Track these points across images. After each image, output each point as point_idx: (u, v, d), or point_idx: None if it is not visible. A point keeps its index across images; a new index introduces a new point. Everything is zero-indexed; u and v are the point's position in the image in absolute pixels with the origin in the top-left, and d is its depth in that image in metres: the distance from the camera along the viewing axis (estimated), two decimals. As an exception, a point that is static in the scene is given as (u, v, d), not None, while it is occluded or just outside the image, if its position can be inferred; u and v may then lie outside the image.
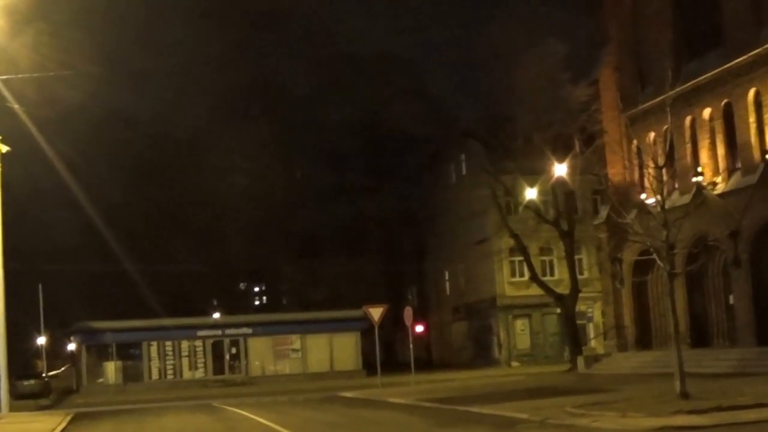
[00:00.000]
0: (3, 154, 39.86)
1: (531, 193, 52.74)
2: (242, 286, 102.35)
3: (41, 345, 77.62)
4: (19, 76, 35.50)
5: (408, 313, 49.51)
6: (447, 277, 74.99)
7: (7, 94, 35.78)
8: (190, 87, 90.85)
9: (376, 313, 50.25)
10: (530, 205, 53.95)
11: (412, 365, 49.18)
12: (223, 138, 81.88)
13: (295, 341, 65.05)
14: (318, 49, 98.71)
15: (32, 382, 59.91)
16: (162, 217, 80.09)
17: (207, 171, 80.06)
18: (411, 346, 49.69)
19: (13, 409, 39.95)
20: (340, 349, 64.63)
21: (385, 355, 55.77)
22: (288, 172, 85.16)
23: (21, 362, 63.31)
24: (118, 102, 69.29)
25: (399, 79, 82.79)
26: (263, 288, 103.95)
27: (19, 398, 50.23)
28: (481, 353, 66.89)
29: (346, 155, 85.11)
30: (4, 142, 39.76)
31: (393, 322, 59.75)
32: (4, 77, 35.24)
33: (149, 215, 78.31)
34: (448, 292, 74.81)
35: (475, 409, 27.51)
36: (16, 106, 37.09)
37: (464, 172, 68.87)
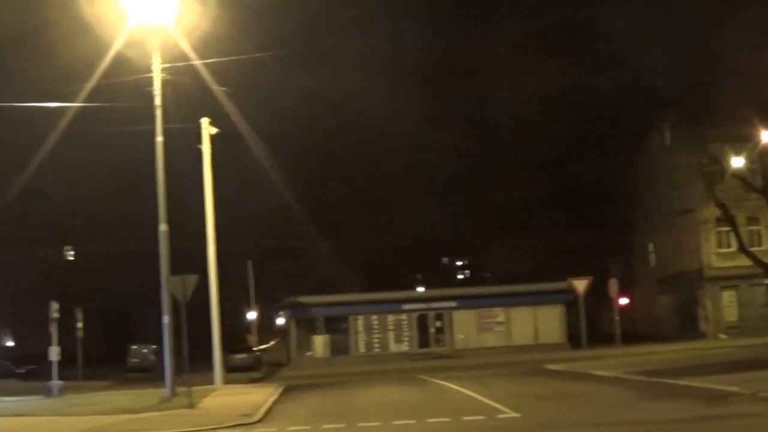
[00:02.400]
0: (212, 136, 41.38)
1: (737, 162, 51.27)
2: (445, 260, 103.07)
3: (252, 320, 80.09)
4: (223, 59, 36.83)
5: (613, 285, 49.12)
6: (651, 249, 73.75)
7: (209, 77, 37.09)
8: (377, 66, 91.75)
9: (580, 285, 50.10)
10: (737, 174, 52.44)
11: (618, 338, 48.76)
12: (418, 115, 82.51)
13: (499, 314, 65.06)
14: (511, 22, 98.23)
15: (244, 355, 61.69)
16: (365, 194, 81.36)
17: (404, 147, 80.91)
18: (616, 318, 49.25)
19: (226, 381, 41.40)
20: (544, 322, 64.33)
21: (590, 327, 55.36)
22: (486, 147, 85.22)
23: (233, 337, 65.26)
24: (311, 82, 70.50)
25: (598, 50, 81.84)
26: (465, 262, 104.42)
27: (232, 371, 51.73)
28: (686, 326, 65.59)
29: (545, 128, 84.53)
30: (212, 124, 41.30)
31: (597, 295, 59.16)
32: (208, 60, 36.55)
33: (354, 192, 79.63)
34: (652, 263, 73.59)
35: (682, 381, 27.21)
36: (222, 89, 38.38)
37: (667, 141, 67.51)
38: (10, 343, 75.47)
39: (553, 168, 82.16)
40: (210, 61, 36.51)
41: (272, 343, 78.36)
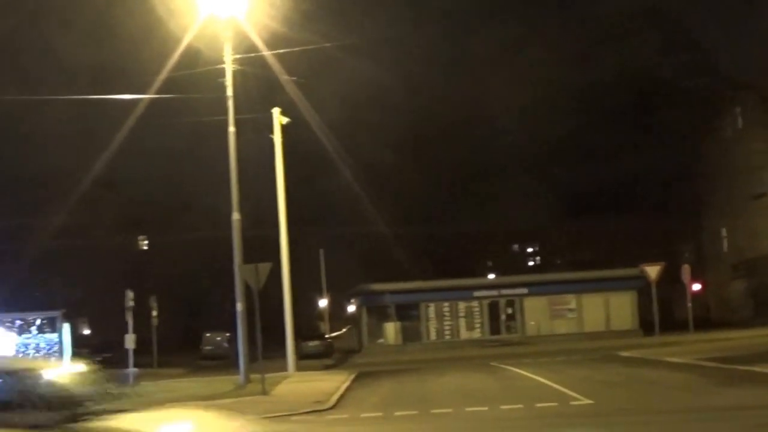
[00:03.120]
0: (284, 125, 41.69)
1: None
2: (515, 247, 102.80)
3: (323, 307, 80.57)
4: (293, 50, 37.12)
5: (685, 270, 48.71)
6: (724, 234, 72.89)
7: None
8: (446, 54, 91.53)
9: (653, 271, 49.71)
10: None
11: (690, 324, 48.38)
12: (487, 103, 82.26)
13: (571, 301, 64.84)
14: (582, 7, 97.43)
15: (316, 343, 62.05)
16: (435, 181, 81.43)
17: (474, 135, 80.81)
18: (689, 304, 48.84)
19: (298, 368, 41.65)
20: (616, 309, 63.96)
21: (662, 314, 54.87)
22: (556, 132, 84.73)
23: (305, 324, 65.75)
24: (381, 71, 70.56)
25: (667, 33, 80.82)
26: (536, 248, 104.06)
27: (304, 358, 52.02)
28: (762, 311, 64.69)
29: (615, 112, 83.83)
30: (283, 113, 41.61)
31: (669, 281, 58.61)
32: (277, 51, 36.87)
33: (422, 180, 79.71)
34: (725, 249, 72.75)
35: (756, 368, 27.00)
36: (292, 78, 38.69)
37: (740, 125, 66.69)
38: (87, 332, 76.42)
39: (623, 153, 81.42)
40: (279, 51, 36.86)
41: (344, 330, 78.79)
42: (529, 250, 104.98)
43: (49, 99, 40.80)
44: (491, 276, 76.97)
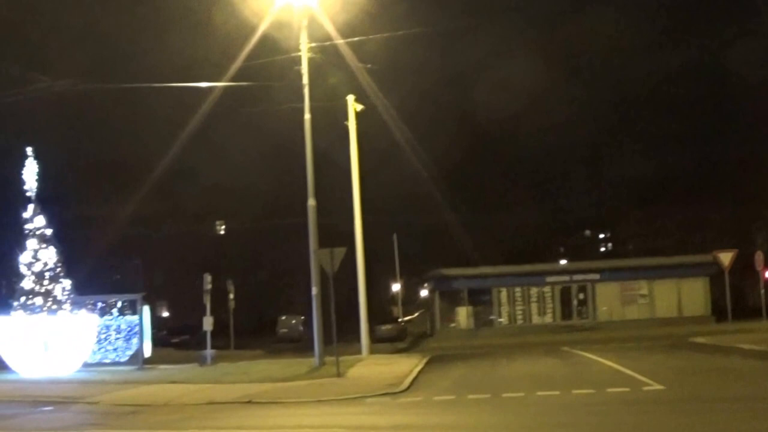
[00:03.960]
0: (357, 113, 42.15)
1: None
2: (587, 233, 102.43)
3: (396, 292, 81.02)
4: (367, 37, 37.51)
5: (758, 258, 48.39)
6: (799, 221, 72.28)
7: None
8: (521, 43, 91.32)
9: (725, 258, 49.42)
10: None
11: (764, 311, 48.06)
12: (560, 91, 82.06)
13: (643, 287, 64.64)
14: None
15: (389, 326, 62.58)
16: (509, 168, 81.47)
17: (547, 122, 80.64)
18: (762, 292, 48.55)
19: (372, 351, 42.01)
20: (688, 295, 63.68)
21: (735, 301, 54.59)
22: (629, 120, 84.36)
23: (379, 308, 66.23)
24: (454, 60, 70.68)
25: (740, 21, 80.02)
26: (608, 235, 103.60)
27: (378, 341, 52.46)
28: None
29: (690, 100, 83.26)
30: (357, 101, 42.05)
31: (742, 268, 58.22)
32: (351, 39, 37.29)
33: (495, 166, 79.76)
34: (800, 236, 72.09)
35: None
36: (366, 65, 39.08)
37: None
38: (166, 314, 77.67)
39: (698, 140, 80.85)
40: (353, 39, 37.26)
41: (416, 314, 79.22)
42: (601, 236, 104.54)
43: (127, 87, 41.46)
44: (563, 262, 76.83)
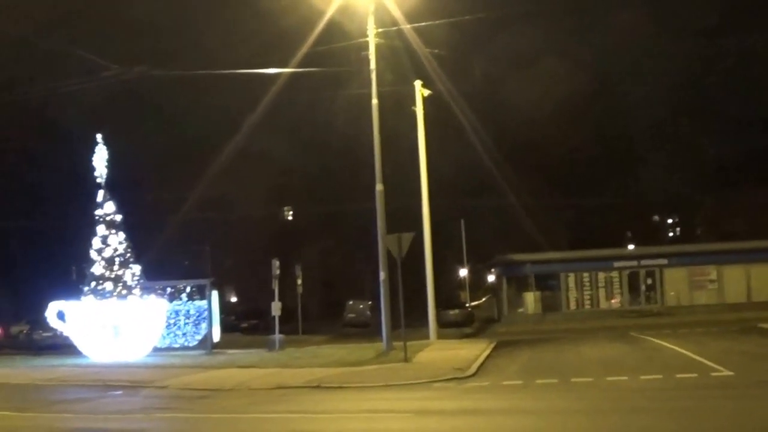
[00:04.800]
0: (425, 98, 42.14)
1: None
2: (656, 218, 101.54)
3: (463, 277, 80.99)
4: (435, 22, 37.46)
5: (831, 242, 47.83)
6: None
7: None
8: (590, 26, 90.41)
9: (796, 242, 48.91)
10: None
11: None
12: (628, 72, 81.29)
13: (712, 272, 63.99)
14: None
15: (456, 311, 62.52)
16: (575, 152, 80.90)
17: (614, 103, 79.90)
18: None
19: (439, 336, 42.01)
20: (758, 280, 62.86)
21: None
22: (699, 102, 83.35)
23: (446, 293, 66.23)
24: (520, 44, 70.14)
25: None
26: (676, 219, 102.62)
27: (445, 326, 52.41)
28: None
29: (759, 82, 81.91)
30: (424, 86, 42.04)
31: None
32: (418, 24, 37.25)
33: (562, 151, 79.27)
34: None
35: None
36: (433, 51, 39.04)
37: None
38: (234, 299, 78.31)
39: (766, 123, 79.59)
40: (420, 24, 37.21)
41: (483, 299, 79.16)
42: (669, 221, 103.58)
43: (197, 74, 41.79)
44: (631, 247, 76.29)
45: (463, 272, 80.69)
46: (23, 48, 55.92)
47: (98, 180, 36.96)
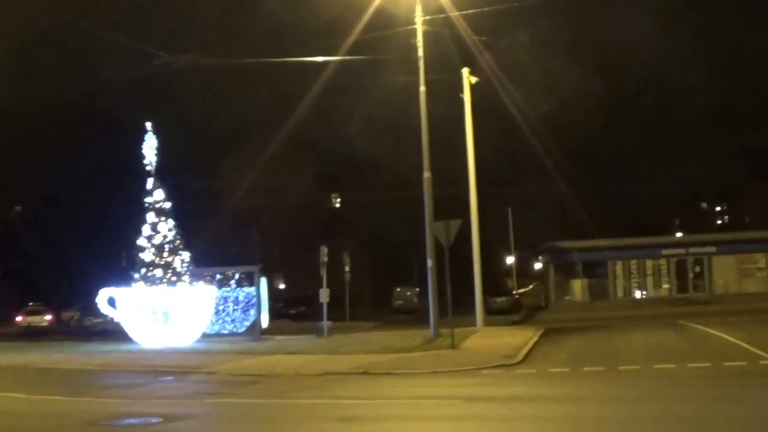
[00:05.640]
0: (472, 85, 42.08)
1: None
2: (704, 205, 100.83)
3: (510, 264, 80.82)
4: (482, 9, 37.42)
5: None
6: None
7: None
8: (639, 9, 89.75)
9: None
10: None
11: None
12: (679, 58, 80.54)
13: (761, 260, 63.58)
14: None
15: (503, 299, 62.45)
16: (623, 139, 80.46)
17: (663, 90, 79.31)
18: None
19: (486, 323, 42.05)
20: (807, 268, 62.52)
21: None
22: (747, 89, 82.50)
23: (493, 280, 66.07)
24: (570, 29, 69.69)
25: None
26: (725, 207, 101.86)
27: (492, 314, 52.37)
28: None
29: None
30: (471, 73, 41.98)
31: None
32: (464, 12, 37.21)
33: (610, 138, 78.82)
34: None
35: None
36: (482, 38, 38.97)
37: None
38: (282, 286, 78.63)
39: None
40: (467, 12, 37.17)
41: (530, 287, 78.90)
42: (718, 208, 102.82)
43: (246, 62, 41.97)
44: (679, 234, 75.85)
45: (510, 259, 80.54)
46: (73, 38, 56.46)
47: (148, 168, 37.26)
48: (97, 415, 17.32)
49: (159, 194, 37.29)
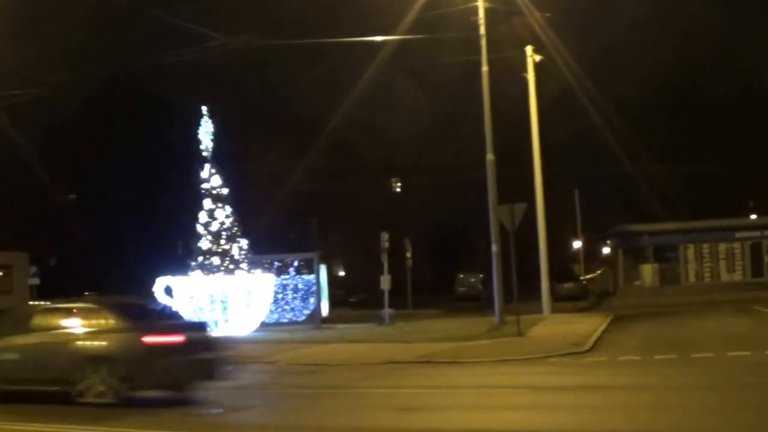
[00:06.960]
0: (536, 63, 41.07)
1: None
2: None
3: (577, 249, 79.77)
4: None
5: None
6: None
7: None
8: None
9: None
10: None
11: None
12: (749, 32, 78.87)
13: (839, 242, 62.23)
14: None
15: (570, 284, 61.75)
16: (695, 119, 79.12)
17: (736, 68, 77.85)
18: None
19: (553, 310, 41.48)
20: None
21: None
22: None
23: (559, 266, 65.14)
24: (637, 4, 68.37)
25: None
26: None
27: (558, 300, 51.74)
28: None
29: None
30: (537, 51, 40.94)
31: None
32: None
33: (680, 118, 77.54)
34: None
35: None
36: (546, 15, 38.09)
37: None
38: (342, 273, 78.25)
39: None
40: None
41: (598, 272, 77.80)
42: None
43: (302, 43, 41.36)
44: (753, 216, 74.24)
45: (577, 244, 79.47)
46: (127, 20, 56.24)
47: (204, 153, 36.69)
48: (158, 404, 17.29)
49: (216, 180, 36.70)
